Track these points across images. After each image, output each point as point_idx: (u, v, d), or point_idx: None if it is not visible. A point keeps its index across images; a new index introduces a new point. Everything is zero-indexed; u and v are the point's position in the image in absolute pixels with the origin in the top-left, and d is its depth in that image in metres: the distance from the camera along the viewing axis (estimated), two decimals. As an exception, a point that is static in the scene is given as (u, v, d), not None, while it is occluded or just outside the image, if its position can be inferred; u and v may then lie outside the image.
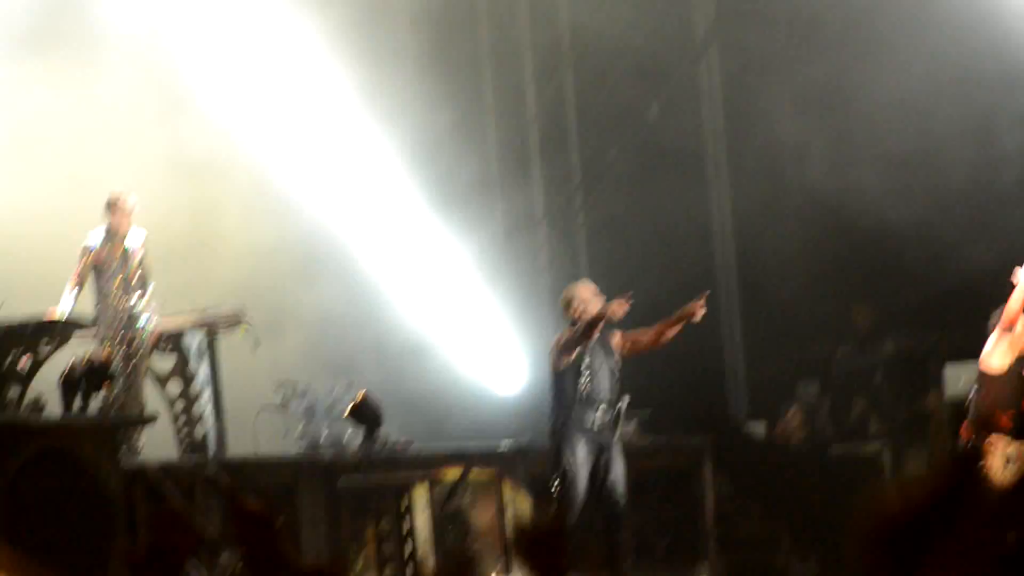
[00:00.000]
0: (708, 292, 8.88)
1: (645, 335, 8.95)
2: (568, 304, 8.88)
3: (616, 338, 8.94)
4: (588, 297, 8.86)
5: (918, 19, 11.18)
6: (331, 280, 11.64)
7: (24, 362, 9.37)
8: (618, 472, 8.75)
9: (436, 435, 10.73)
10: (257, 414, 10.18)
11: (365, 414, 9.75)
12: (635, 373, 9.48)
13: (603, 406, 8.73)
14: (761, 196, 12.24)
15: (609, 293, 8.89)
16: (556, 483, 8.73)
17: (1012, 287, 7.75)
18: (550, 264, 13.08)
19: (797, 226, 11.92)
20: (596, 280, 9.36)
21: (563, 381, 8.75)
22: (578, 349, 8.68)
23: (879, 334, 11.62)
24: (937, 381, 10.83)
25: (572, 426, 8.69)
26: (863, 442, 11.49)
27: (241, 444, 10.17)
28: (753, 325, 13.02)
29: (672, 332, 8.87)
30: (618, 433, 8.85)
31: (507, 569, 9.24)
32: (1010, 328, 7.71)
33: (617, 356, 8.92)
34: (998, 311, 7.84)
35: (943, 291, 11.01)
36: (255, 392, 10.26)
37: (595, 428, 8.72)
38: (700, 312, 8.69)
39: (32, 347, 9.46)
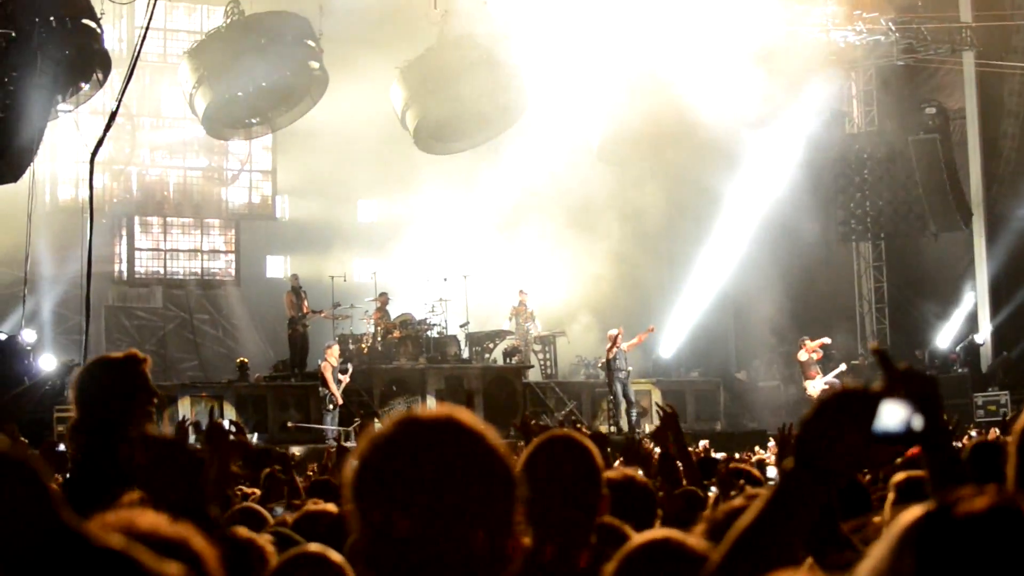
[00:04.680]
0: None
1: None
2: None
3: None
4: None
5: None
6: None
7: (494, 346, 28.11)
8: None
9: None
10: (570, 366, 28.72)
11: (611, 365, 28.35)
12: (694, 352, 28.59)
13: (624, 371, 25.85)
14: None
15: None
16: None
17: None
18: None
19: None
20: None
21: (609, 366, 26.06)
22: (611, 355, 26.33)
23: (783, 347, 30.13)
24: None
25: (615, 378, 26.21)
26: (776, 381, 29.85)
27: (565, 375, 28.42)
28: (741, 337, 31.66)
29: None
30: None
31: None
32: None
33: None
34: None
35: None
36: (568, 359, 28.70)
37: (622, 376, 26.09)
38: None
39: (496, 338, 28.11)
